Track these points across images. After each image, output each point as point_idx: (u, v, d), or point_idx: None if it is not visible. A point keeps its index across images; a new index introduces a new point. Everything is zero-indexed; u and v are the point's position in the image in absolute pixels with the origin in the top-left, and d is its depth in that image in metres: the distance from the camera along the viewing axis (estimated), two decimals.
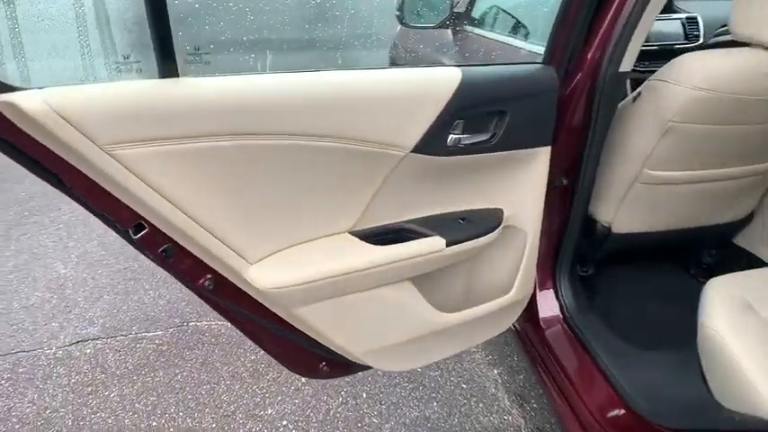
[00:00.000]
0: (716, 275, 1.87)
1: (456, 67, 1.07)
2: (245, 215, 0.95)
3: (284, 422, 1.76)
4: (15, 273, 2.52)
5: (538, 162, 1.25)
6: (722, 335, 1.14)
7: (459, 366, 1.98)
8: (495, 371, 1.97)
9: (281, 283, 0.99)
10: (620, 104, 1.46)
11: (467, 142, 1.13)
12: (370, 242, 1.10)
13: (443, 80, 1.04)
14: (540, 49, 1.23)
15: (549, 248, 1.54)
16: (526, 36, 1.82)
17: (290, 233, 1.03)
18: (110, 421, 1.76)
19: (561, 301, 1.57)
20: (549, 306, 1.57)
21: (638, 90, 1.41)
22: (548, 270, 1.59)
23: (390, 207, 1.13)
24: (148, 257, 0.95)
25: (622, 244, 1.67)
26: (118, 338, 2.12)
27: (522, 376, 1.95)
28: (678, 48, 2.13)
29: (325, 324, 1.10)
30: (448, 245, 1.14)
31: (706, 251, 1.88)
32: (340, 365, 1.31)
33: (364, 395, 1.85)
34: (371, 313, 1.14)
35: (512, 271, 1.39)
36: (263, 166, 0.93)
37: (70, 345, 2.09)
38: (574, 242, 1.53)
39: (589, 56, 1.24)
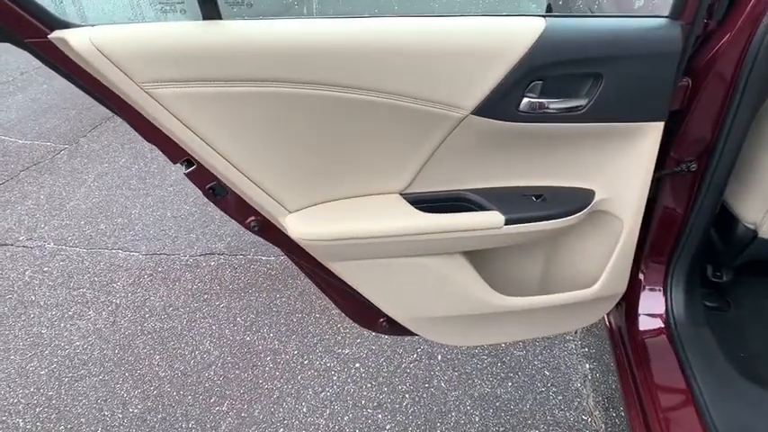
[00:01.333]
0: None
1: (539, 17, 0.90)
2: (285, 163, 0.95)
3: (357, 365, 1.82)
4: (174, 186, 2.92)
5: (644, 140, 1.03)
6: None
7: (548, 352, 1.83)
8: (588, 365, 1.78)
9: (315, 236, 0.98)
10: None
11: (547, 108, 0.97)
12: (420, 207, 1.03)
13: (518, 32, 0.89)
14: None
15: (664, 243, 1.30)
16: None
17: (333, 187, 1.01)
18: (213, 328, 2.00)
19: (669, 306, 1.33)
20: (651, 308, 1.35)
21: None
22: (659, 267, 1.35)
23: (448, 173, 1.04)
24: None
25: None
26: (237, 257, 2.36)
27: (616, 377, 1.73)
28: None
29: (363, 283, 1.07)
30: (507, 223, 1.02)
31: None
32: (399, 325, 1.28)
33: (439, 357, 1.82)
34: (414, 282, 1.09)
35: (600, 263, 1.20)
36: (303, 116, 0.90)
37: (200, 255, 2.38)
38: (697, 240, 1.27)
39: (743, 9, 0.96)
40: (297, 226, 0.98)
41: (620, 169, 1.08)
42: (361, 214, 1.00)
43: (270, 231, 1.05)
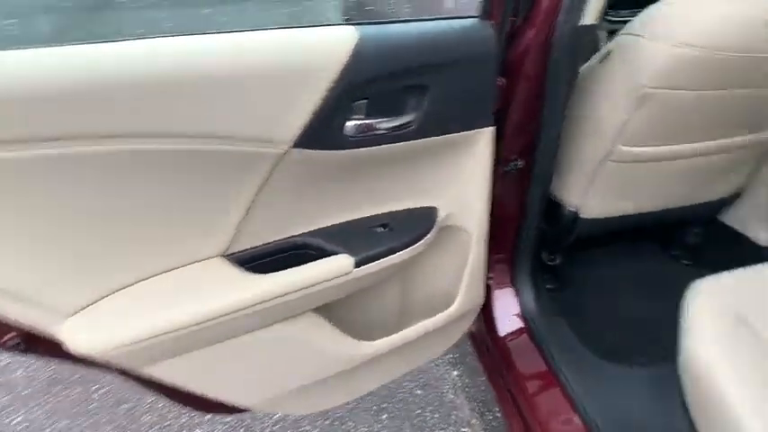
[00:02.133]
0: (700, 256, 1.65)
1: (349, 26, 0.77)
2: (46, 251, 0.68)
3: None
4: None
5: (478, 147, 0.98)
6: (707, 361, 0.91)
7: (415, 369, 1.76)
8: (455, 372, 1.75)
9: (108, 344, 0.72)
10: (583, 67, 1.18)
11: (376, 129, 0.85)
12: (252, 267, 0.84)
13: (329, 45, 0.75)
14: None
15: (505, 243, 1.29)
16: None
17: (127, 268, 0.76)
18: None
19: (521, 303, 1.33)
20: (506, 309, 1.33)
21: (606, 48, 1.12)
22: (505, 267, 1.34)
23: (279, 219, 0.86)
24: None
25: (594, 229, 1.42)
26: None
27: (484, 378, 1.73)
28: None
29: (193, 380, 0.84)
30: (358, 264, 0.88)
31: (690, 230, 1.64)
32: None
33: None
34: (259, 360, 0.89)
35: (455, 279, 1.13)
36: (72, 182, 0.65)
37: None
38: (533, 234, 1.28)
39: (541, 5, 0.95)
40: (78, 335, 0.71)
41: (459, 181, 1.02)
42: (172, 296, 0.77)
43: (43, 346, 0.76)
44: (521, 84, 1.02)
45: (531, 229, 1.26)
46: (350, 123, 0.81)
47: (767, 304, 0.98)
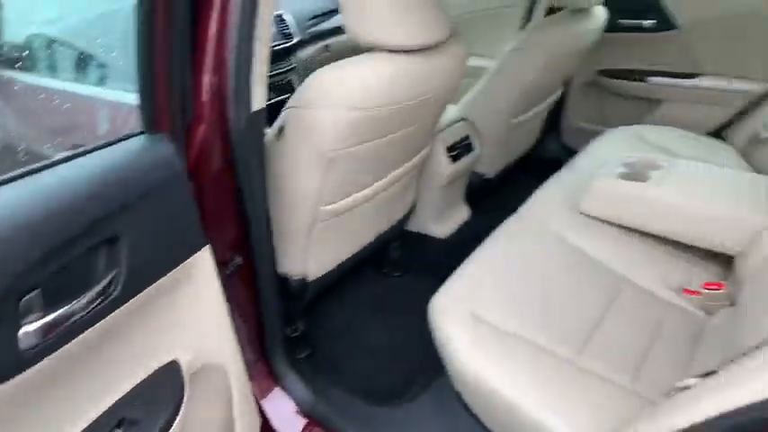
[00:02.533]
0: (404, 265, 1.87)
1: None
2: None
3: None
4: None
5: (198, 272, 0.83)
6: (475, 371, 1.01)
7: None
8: None
9: None
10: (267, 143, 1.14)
11: (67, 320, 0.61)
12: None
13: None
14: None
15: (257, 344, 1.17)
16: (104, 80, 1.28)
17: None
18: None
19: (295, 400, 1.23)
20: (282, 415, 1.21)
21: (278, 124, 1.11)
22: (265, 370, 1.22)
23: None
24: None
25: (323, 284, 1.43)
26: None
27: None
28: (279, 48, 1.92)
29: None
30: None
31: (390, 247, 1.82)
32: None
33: None
34: None
35: (226, 423, 0.95)
36: None
37: None
38: (277, 323, 1.20)
39: (205, 103, 0.86)
40: None
41: (191, 315, 0.85)
42: None
43: None
44: (209, 183, 0.91)
45: (275, 320, 1.18)
46: (26, 330, 0.56)
47: (490, 298, 1.15)
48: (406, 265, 1.85)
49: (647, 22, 2.03)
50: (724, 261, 1.34)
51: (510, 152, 2.05)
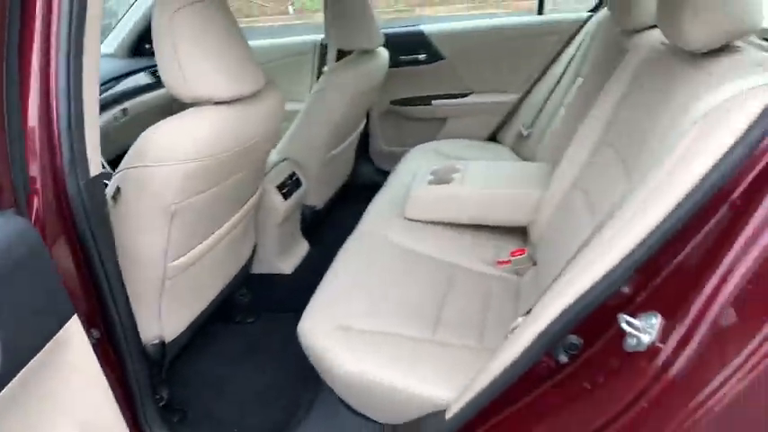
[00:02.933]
0: (254, 311, 1.89)
1: None
2: None
3: None
4: None
5: (70, 343, 0.79)
6: (352, 372, 1.11)
7: None
8: None
9: None
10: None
11: None
12: None
13: None
14: None
15: (127, 413, 1.11)
16: None
17: None
18: None
19: None
20: None
21: (111, 188, 1.10)
22: None
23: None
24: None
25: (181, 343, 1.41)
26: None
27: None
28: None
29: None
30: None
31: (237, 294, 1.83)
32: None
33: None
34: None
35: None
36: None
37: None
38: (146, 391, 1.15)
39: (38, 177, 0.84)
40: None
41: (72, 388, 0.80)
42: None
43: None
44: (55, 257, 0.88)
45: (143, 388, 1.13)
46: None
47: (351, 308, 1.27)
48: (258, 308, 1.88)
49: (421, 56, 2.41)
50: (521, 232, 1.66)
51: (333, 182, 2.23)
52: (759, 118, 0.60)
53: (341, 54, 2.23)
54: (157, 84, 2.14)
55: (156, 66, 2.09)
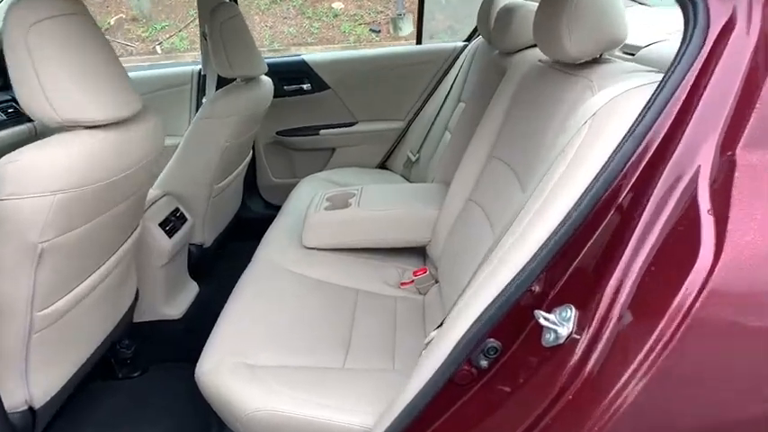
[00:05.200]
0: (141, 361, 1.69)
1: None
2: None
3: None
4: None
5: None
6: (263, 410, 1.02)
7: None
8: None
9: None
10: None
11: None
12: None
13: None
14: None
15: None
16: None
17: None
18: None
19: None
20: None
21: None
22: None
23: None
24: None
25: (53, 409, 1.21)
26: None
27: None
28: None
29: None
30: None
31: (118, 349, 1.63)
32: None
33: None
34: None
35: None
36: None
37: None
38: None
39: None
40: None
41: None
42: None
43: None
44: None
45: None
46: None
47: (254, 345, 1.17)
48: (145, 360, 1.69)
49: (306, 86, 2.40)
50: (420, 252, 1.68)
51: (221, 218, 2.10)
52: (644, 111, 0.65)
53: (221, 83, 2.14)
54: (10, 121, 1.89)
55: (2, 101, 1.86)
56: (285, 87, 2.38)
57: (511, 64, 1.50)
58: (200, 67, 2.39)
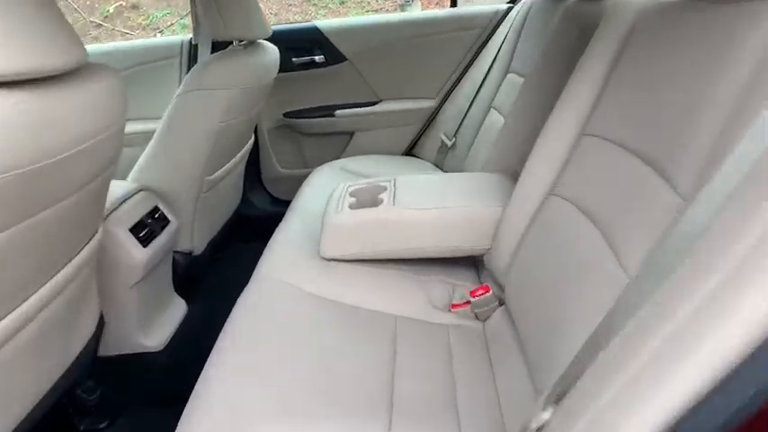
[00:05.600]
0: (110, 408, 1.31)
1: None
2: None
3: None
4: None
5: None
6: None
7: None
8: None
9: None
10: None
11: None
12: None
13: None
14: None
15: None
16: None
17: None
18: None
19: None
20: None
21: None
22: None
23: None
24: None
25: None
26: None
27: None
28: None
29: None
30: None
31: (79, 395, 1.24)
32: None
33: None
34: None
35: None
36: None
37: None
38: None
39: None
40: None
41: None
42: None
43: None
44: None
45: None
46: None
47: (259, 406, 0.78)
48: (115, 406, 1.30)
49: (318, 58, 1.99)
50: (471, 262, 1.27)
51: (215, 218, 1.71)
52: None
53: (215, 49, 1.75)
54: None
55: None
56: (294, 59, 1.98)
57: (606, 12, 1.08)
58: (190, 36, 1.98)
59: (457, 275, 1.23)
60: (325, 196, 1.40)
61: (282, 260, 1.21)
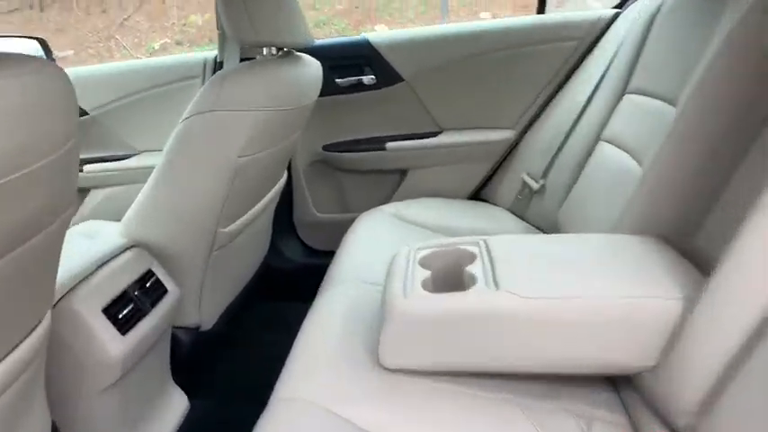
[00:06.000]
0: None
1: None
2: None
3: None
4: None
5: None
6: None
7: None
8: None
9: None
10: None
11: None
12: None
13: None
14: None
15: None
16: None
17: None
18: None
19: None
20: None
21: None
22: None
23: None
24: None
25: None
26: None
27: None
28: None
29: None
30: None
31: None
32: None
33: None
34: None
35: None
36: None
37: None
38: None
39: None
40: None
41: None
42: None
43: None
44: None
45: None
46: None
47: None
48: None
49: (368, 79, 1.62)
50: (610, 382, 0.83)
51: (233, 281, 1.32)
52: None
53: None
54: None
55: None
56: (338, 80, 1.61)
57: None
58: (215, 53, 1.65)
59: (589, 400, 0.79)
60: (376, 254, 0.99)
61: (319, 370, 0.79)
